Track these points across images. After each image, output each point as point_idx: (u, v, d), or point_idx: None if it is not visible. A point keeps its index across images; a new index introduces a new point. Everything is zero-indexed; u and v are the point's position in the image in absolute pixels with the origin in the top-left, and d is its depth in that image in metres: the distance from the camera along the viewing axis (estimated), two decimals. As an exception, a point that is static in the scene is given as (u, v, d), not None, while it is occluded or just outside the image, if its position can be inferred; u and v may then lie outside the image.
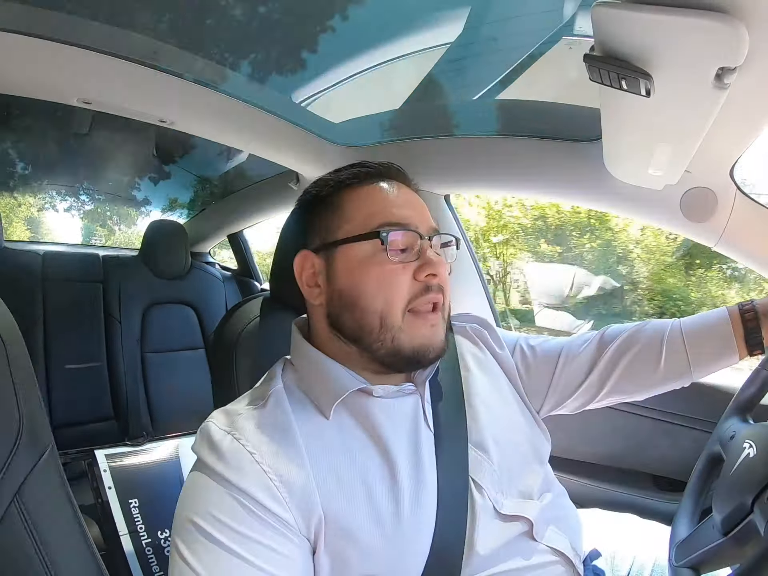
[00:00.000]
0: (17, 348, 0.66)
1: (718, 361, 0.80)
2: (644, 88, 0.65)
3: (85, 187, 2.85)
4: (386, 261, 0.65)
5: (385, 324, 0.65)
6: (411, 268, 0.66)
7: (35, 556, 0.61)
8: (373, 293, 0.65)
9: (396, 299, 0.65)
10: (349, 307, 0.67)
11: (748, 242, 1.06)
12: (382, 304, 0.65)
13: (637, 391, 0.85)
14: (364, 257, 0.67)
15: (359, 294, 0.66)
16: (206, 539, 0.53)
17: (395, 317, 0.65)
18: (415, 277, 0.66)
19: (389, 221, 0.67)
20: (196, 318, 2.37)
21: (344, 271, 0.68)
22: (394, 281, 0.65)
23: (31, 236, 3.22)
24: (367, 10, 1.28)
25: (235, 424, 0.61)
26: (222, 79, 1.27)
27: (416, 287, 0.66)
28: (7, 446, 0.61)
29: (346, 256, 0.68)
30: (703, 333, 0.81)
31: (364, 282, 0.66)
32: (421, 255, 0.67)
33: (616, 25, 0.59)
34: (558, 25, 1.23)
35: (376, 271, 0.65)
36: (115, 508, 1.30)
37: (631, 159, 1.00)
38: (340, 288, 0.68)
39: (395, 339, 0.65)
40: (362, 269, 0.66)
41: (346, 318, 0.67)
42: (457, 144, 1.41)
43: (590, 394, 0.85)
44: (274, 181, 1.98)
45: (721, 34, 0.54)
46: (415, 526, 0.60)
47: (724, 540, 0.66)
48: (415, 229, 0.68)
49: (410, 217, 0.69)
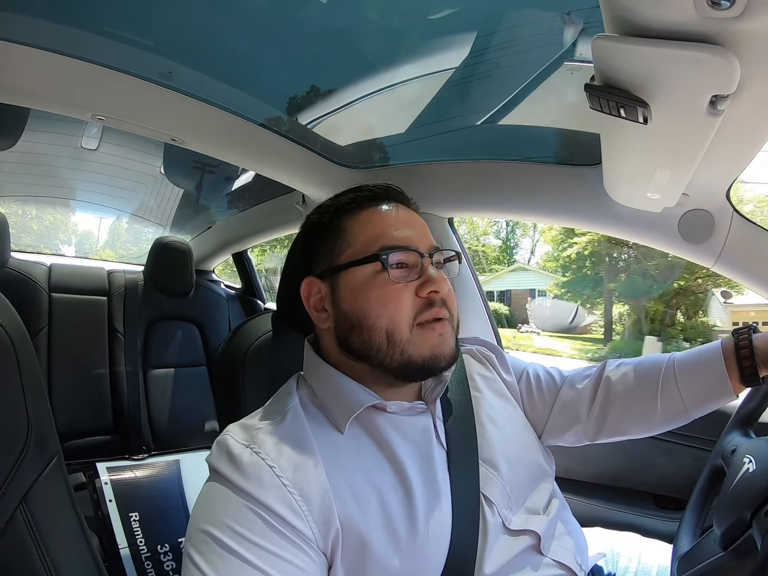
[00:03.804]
0: (28, 356, 0.67)
1: (713, 400, 0.78)
2: (642, 116, 0.68)
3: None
4: (388, 282, 0.67)
5: (392, 340, 0.66)
6: (413, 286, 0.68)
7: (39, 562, 0.61)
8: (378, 313, 0.67)
9: (400, 316, 0.66)
10: (356, 329, 0.68)
11: (746, 262, 1.08)
12: (387, 322, 0.66)
13: (638, 432, 0.84)
14: (367, 280, 0.68)
15: (365, 315, 0.67)
16: (223, 550, 0.54)
17: (402, 333, 0.66)
18: (418, 294, 0.68)
19: (389, 244, 0.69)
20: (199, 335, 2.38)
21: (349, 294, 0.70)
22: (398, 299, 0.67)
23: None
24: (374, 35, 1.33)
25: (255, 438, 0.62)
26: (232, 99, 1.31)
27: (420, 303, 0.67)
28: (16, 452, 0.62)
29: (350, 280, 0.70)
30: (696, 371, 0.79)
31: (369, 303, 0.67)
32: (423, 273, 0.69)
33: (615, 57, 0.63)
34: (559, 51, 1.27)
35: (379, 293, 0.67)
36: (115, 521, 1.29)
37: (630, 183, 1.03)
38: (346, 311, 0.69)
39: (404, 352, 0.66)
40: (366, 291, 0.68)
41: (354, 339, 0.69)
42: (460, 168, 1.44)
43: (588, 433, 0.85)
44: (279, 201, 1.99)
45: (713, 64, 0.57)
46: (430, 541, 0.61)
47: (724, 554, 0.66)
48: (415, 248, 0.69)
49: (409, 238, 0.70)
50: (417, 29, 1.38)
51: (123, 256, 3.79)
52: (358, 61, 1.43)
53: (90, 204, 2.89)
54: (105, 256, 3.86)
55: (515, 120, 1.44)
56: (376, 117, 1.66)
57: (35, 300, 2.02)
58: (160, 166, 2.35)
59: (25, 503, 0.62)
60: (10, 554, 0.60)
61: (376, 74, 1.49)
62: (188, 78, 1.24)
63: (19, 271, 2.03)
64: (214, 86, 1.30)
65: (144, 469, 1.46)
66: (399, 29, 1.38)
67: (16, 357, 0.64)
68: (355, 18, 1.29)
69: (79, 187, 2.67)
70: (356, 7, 1.25)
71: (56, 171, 2.47)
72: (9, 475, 0.60)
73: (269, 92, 1.45)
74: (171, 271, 2.31)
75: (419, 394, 0.74)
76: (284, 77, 1.46)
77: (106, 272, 2.30)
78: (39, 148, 2.21)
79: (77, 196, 2.80)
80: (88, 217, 3.70)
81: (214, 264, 2.75)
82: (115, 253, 3.85)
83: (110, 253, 3.87)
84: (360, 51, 1.40)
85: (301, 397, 0.70)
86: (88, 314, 2.14)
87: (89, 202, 2.85)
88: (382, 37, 1.38)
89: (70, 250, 3.35)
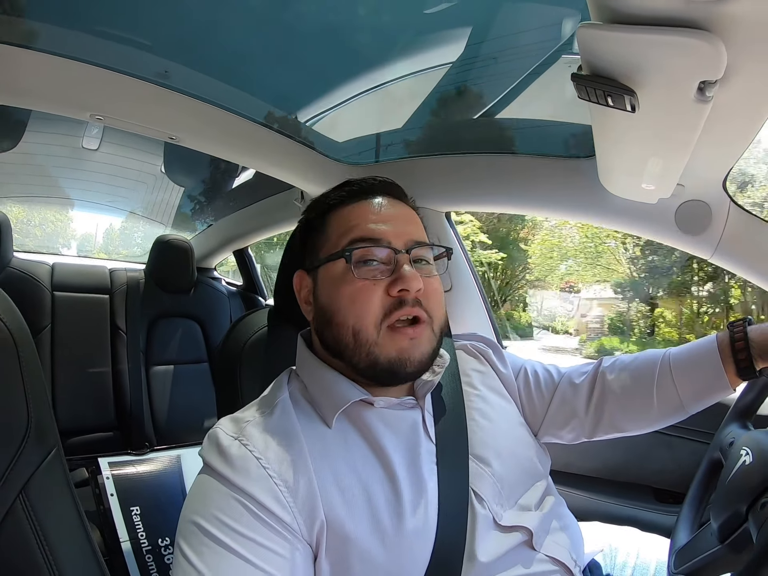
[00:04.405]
0: (28, 349, 0.68)
1: (710, 394, 0.78)
2: (629, 104, 0.68)
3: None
4: (354, 279, 0.66)
5: (358, 339, 0.66)
6: (383, 284, 0.66)
7: (38, 552, 0.62)
8: (346, 310, 0.66)
9: (367, 315, 0.65)
10: (328, 324, 0.69)
11: (744, 253, 1.07)
12: (353, 320, 0.66)
13: (635, 428, 0.84)
14: (337, 276, 0.68)
15: (334, 311, 0.68)
16: (210, 540, 0.54)
17: (368, 332, 0.65)
18: (388, 293, 0.66)
19: (360, 237, 0.68)
20: (201, 332, 2.40)
21: (323, 289, 0.71)
22: (364, 297, 0.66)
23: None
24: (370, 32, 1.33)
25: (243, 431, 0.62)
26: (229, 97, 1.32)
27: (390, 302, 0.66)
28: (16, 442, 0.63)
29: (326, 275, 0.70)
30: (691, 366, 0.79)
31: (338, 299, 0.67)
32: (396, 270, 0.67)
33: (600, 45, 0.62)
34: (557, 44, 1.27)
35: (347, 289, 0.66)
36: (117, 515, 1.31)
37: (625, 174, 1.02)
38: (321, 305, 0.71)
39: (370, 353, 0.66)
40: (335, 287, 0.68)
41: (327, 334, 0.70)
42: (457, 162, 1.44)
43: (586, 429, 0.85)
44: (279, 198, 2.01)
45: (699, 49, 0.57)
46: (415, 534, 0.61)
47: (721, 547, 0.66)
48: (387, 244, 0.68)
49: (383, 232, 0.69)
50: (413, 24, 1.38)
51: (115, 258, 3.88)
52: (355, 58, 1.43)
53: (91, 203, 2.91)
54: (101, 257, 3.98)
55: (512, 113, 1.44)
56: (373, 113, 1.67)
57: (38, 298, 2.04)
58: (160, 165, 2.37)
59: (25, 493, 0.62)
60: (9, 544, 0.61)
61: (373, 70, 1.50)
62: (185, 77, 1.25)
63: (22, 270, 2.05)
64: (211, 85, 1.31)
65: (145, 464, 1.48)
66: (395, 25, 1.38)
67: (17, 351, 0.66)
68: (351, 14, 1.29)
69: (81, 187, 2.69)
70: (352, 4, 1.26)
71: (58, 171, 2.49)
72: (9, 465, 0.61)
73: (266, 90, 1.46)
74: (172, 268, 2.33)
75: (410, 389, 0.74)
76: (281, 74, 1.46)
77: (108, 270, 2.32)
78: (40, 149, 2.23)
79: (79, 195, 2.82)
80: (85, 223, 3.80)
81: (215, 261, 2.77)
82: (108, 256, 3.94)
83: (104, 256, 3.97)
84: (357, 47, 1.40)
85: (291, 391, 0.70)
86: (91, 312, 2.16)
87: (91, 201, 2.87)
88: (378, 33, 1.38)
89: (70, 253, 3.41)
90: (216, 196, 2.55)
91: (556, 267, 9.26)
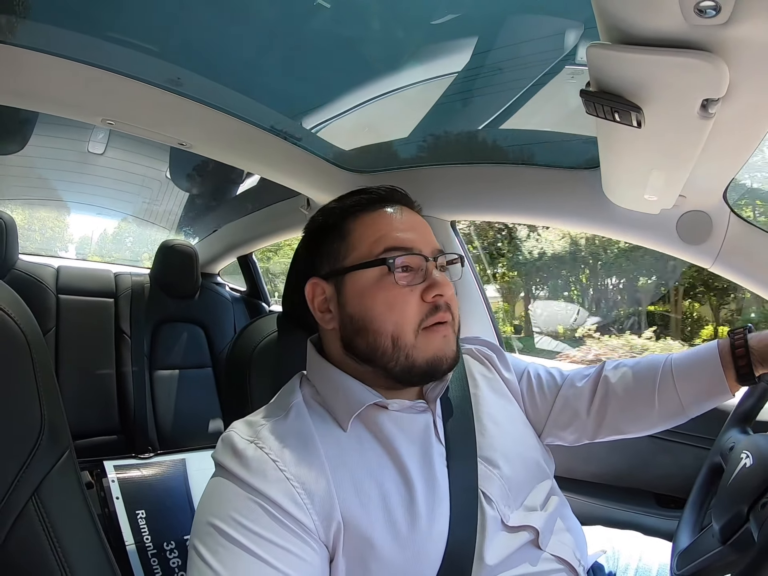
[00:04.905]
0: (41, 351, 0.68)
1: (710, 399, 0.80)
2: (636, 120, 0.70)
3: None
4: (393, 285, 0.68)
5: (398, 345, 0.67)
6: (418, 290, 0.69)
7: (51, 554, 0.62)
8: (384, 317, 0.68)
9: (406, 321, 0.68)
10: (361, 332, 0.69)
11: (744, 262, 1.09)
12: (393, 326, 0.67)
13: (636, 430, 0.86)
14: (372, 283, 0.69)
15: (371, 318, 0.68)
16: (228, 542, 0.55)
17: (408, 337, 0.67)
18: (423, 298, 0.69)
19: (393, 246, 0.70)
20: (204, 337, 2.40)
21: (354, 297, 0.70)
22: (403, 304, 0.68)
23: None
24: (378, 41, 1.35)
25: (259, 434, 0.63)
26: (239, 104, 1.34)
27: (425, 308, 0.69)
28: (29, 444, 0.63)
29: (355, 282, 0.70)
30: (692, 371, 0.81)
31: (374, 307, 0.68)
32: (427, 276, 0.70)
33: (609, 64, 0.65)
34: (561, 55, 1.29)
35: (385, 296, 0.68)
36: (122, 519, 1.31)
37: (628, 185, 1.04)
38: (351, 314, 0.70)
39: (409, 356, 0.68)
40: (371, 294, 0.69)
41: (359, 342, 0.70)
42: (462, 172, 1.46)
43: (588, 431, 0.87)
44: (285, 204, 2.02)
45: (703, 69, 0.59)
46: (429, 535, 0.62)
47: (723, 548, 0.67)
48: (419, 252, 0.70)
49: (414, 241, 0.71)
50: (420, 34, 1.40)
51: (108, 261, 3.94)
52: (362, 66, 1.45)
53: (95, 207, 2.92)
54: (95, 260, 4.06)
55: (516, 124, 1.46)
56: (379, 121, 1.69)
57: (43, 301, 2.05)
58: (166, 170, 2.38)
59: (38, 495, 0.63)
60: (22, 546, 0.61)
61: (379, 79, 1.52)
62: (196, 84, 1.27)
63: (27, 272, 2.06)
64: (221, 92, 1.33)
65: (151, 468, 1.49)
66: (402, 34, 1.40)
67: (30, 353, 0.66)
68: (359, 24, 1.31)
69: (86, 191, 2.70)
70: (360, 14, 1.28)
71: (64, 175, 2.50)
72: (22, 467, 0.62)
73: (275, 97, 1.48)
74: (177, 273, 2.34)
75: (420, 393, 0.76)
76: (290, 83, 1.48)
77: (113, 274, 2.33)
78: (47, 153, 2.24)
79: (84, 199, 2.84)
80: (82, 226, 3.85)
81: (219, 267, 2.77)
82: (101, 259, 4.04)
83: (98, 258, 4.07)
84: (364, 56, 1.42)
85: (304, 395, 0.71)
86: (95, 316, 2.16)
87: (95, 205, 2.88)
88: (385, 43, 1.40)
89: (68, 255, 3.46)
90: (221, 201, 2.56)
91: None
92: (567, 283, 6.90)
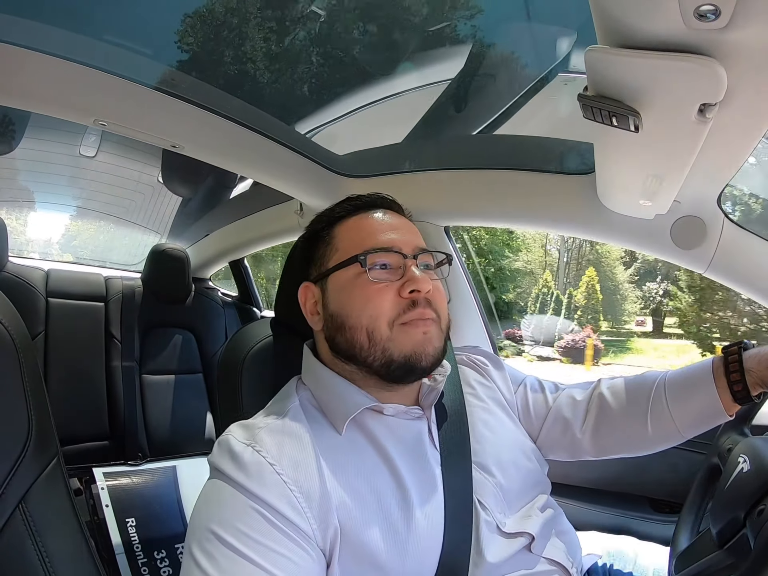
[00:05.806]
0: (30, 356, 0.68)
1: (706, 420, 0.79)
2: (633, 125, 0.70)
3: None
4: (368, 282, 0.69)
5: (373, 338, 0.68)
6: (395, 287, 0.69)
7: (38, 563, 0.61)
8: (359, 312, 0.69)
9: (380, 314, 0.68)
10: (340, 328, 0.71)
11: (737, 267, 1.10)
12: (367, 320, 0.68)
13: (632, 450, 0.85)
14: (349, 281, 0.71)
15: (347, 314, 0.70)
16: (224, 547, 0.54)
17: (382, 330, 0.68)
18: (401, 295, 0.69)
19: (373, 246, 0.71)
20: (195, 342, 2.38)
21: (334, 295, 0.73)
22: (378, 299, 0.68)
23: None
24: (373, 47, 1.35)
25: (256, 437, 0.63)
26: (233, 108, 1.33)
27: (402, 303, 0.69)
28: (16, 451, 0.62)
29: (336, 282, 0.73)
30: (685, 392, 0.79)
31: (351, 303, 0.70)
32: (405, 273, 0.70)
33: (607, 68, 0.65)
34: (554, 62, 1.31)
35: (360, 292, 0.69)
36: (112, 527, 1.29)
37: (623, 190, 1.05)
38: (332, 312, 0.72)
39: (385, 350, 0.68)
40: (348, 291, 0.71)
41: (339, 339, 0.71)
42: (456, 177, 1.46)
43: (583, 448, 0.86)
44: (277, 209, 2.00)
45: (701, 74, 0.59)
46: (425, 538, 0.62)
47: (720, 552, 0.68)
48: (397, 250, 0.72)
49: (393, 240, 0.73)
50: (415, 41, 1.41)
51: (79, 258, 3.94)
52: (357, 72, 1.45)
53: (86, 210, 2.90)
54: (65, 258, 4.06)
55: (510, 130, 1.47)
56: (373, 127, 1.69)
57: (32, 305, 2.01)
58: (157, 175, 2.37)
59: (25, 504, 0.62)
60: (8, 554, 0.60)
61: (374, 85, 1.52)
62: (190, 85, 1.26)
63: (17, 275, 2.02)
64: (215, 94, 1.32)
65: (141, 475, 1.46)
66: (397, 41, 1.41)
67: (18, 357, 0.65)
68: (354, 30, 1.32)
69: (78, 195, 2.68)
70: (356, 20, 1.28)
71: (55, 178, 2.48)
72: (8, 476, 0.61)
73: (269, 101, 1.48)
74: (168, 278, 2.32)
75: (416, 400, 0.76)
76: (284, 87, 1.48)
77: (104, 278, 2.30)
78: (38, 155, 2.22)
79: (75, 202, 2.81)
80: (72, 229, 3.85)
81: (211, 272, 2.75)
82: (72, 256, 4.04)
83: (69, 255, 4.07)
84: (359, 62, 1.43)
85: (300, 399, 0.71)
86: (85, 320, 2.13)
87: (86, 208, 2.86)
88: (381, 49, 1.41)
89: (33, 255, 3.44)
90: (213, 205, 2.54)
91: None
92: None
